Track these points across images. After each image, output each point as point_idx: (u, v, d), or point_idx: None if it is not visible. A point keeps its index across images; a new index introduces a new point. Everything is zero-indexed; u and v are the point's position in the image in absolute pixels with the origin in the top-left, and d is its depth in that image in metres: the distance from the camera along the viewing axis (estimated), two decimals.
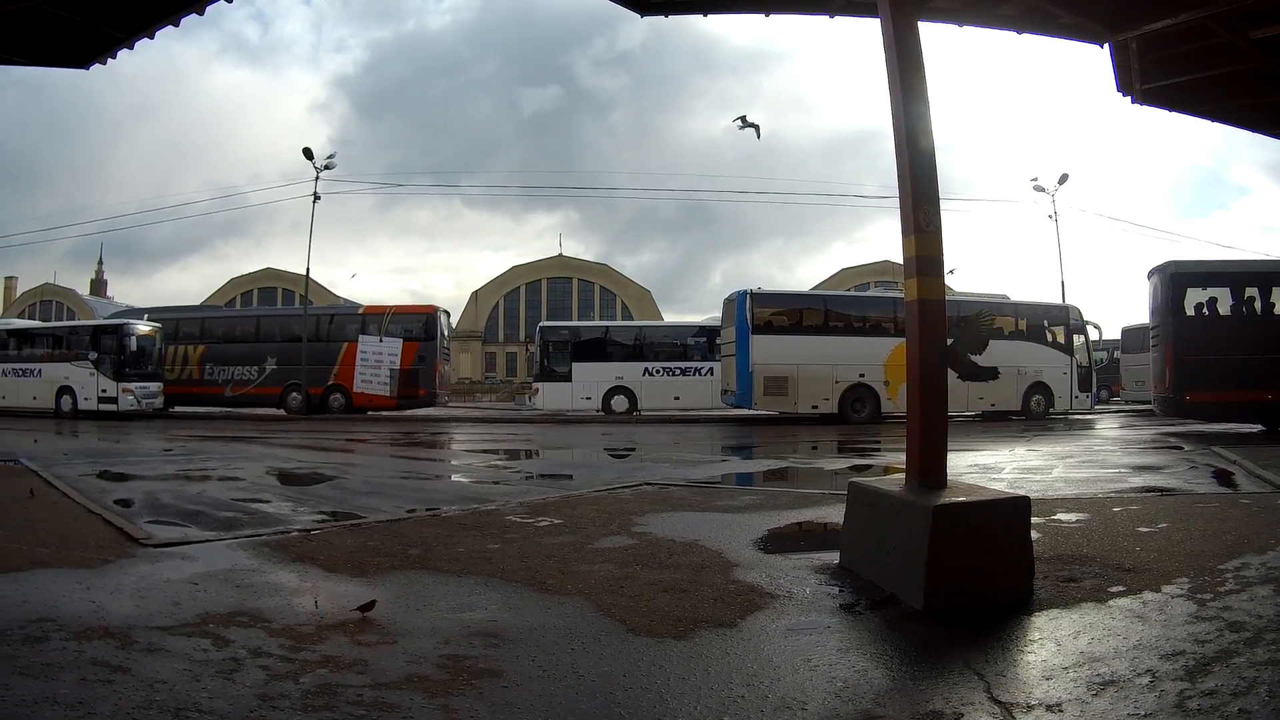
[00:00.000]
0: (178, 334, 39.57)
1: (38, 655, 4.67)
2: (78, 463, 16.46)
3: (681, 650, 4.79)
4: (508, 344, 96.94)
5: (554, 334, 40.25)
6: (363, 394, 37.26)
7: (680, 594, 5.93)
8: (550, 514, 9.44)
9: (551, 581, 6.38)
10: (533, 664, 4.61)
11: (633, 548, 7.57)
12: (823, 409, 31.01)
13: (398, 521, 9.47)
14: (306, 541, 8.14)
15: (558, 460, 19.72)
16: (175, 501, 11.40)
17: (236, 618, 5.51)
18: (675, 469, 15.76)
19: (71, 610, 5.59)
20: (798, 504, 10.12)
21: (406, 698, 4.12)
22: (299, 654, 4.78)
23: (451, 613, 5.61)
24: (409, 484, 14.46)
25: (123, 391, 35.05)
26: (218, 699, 4.13)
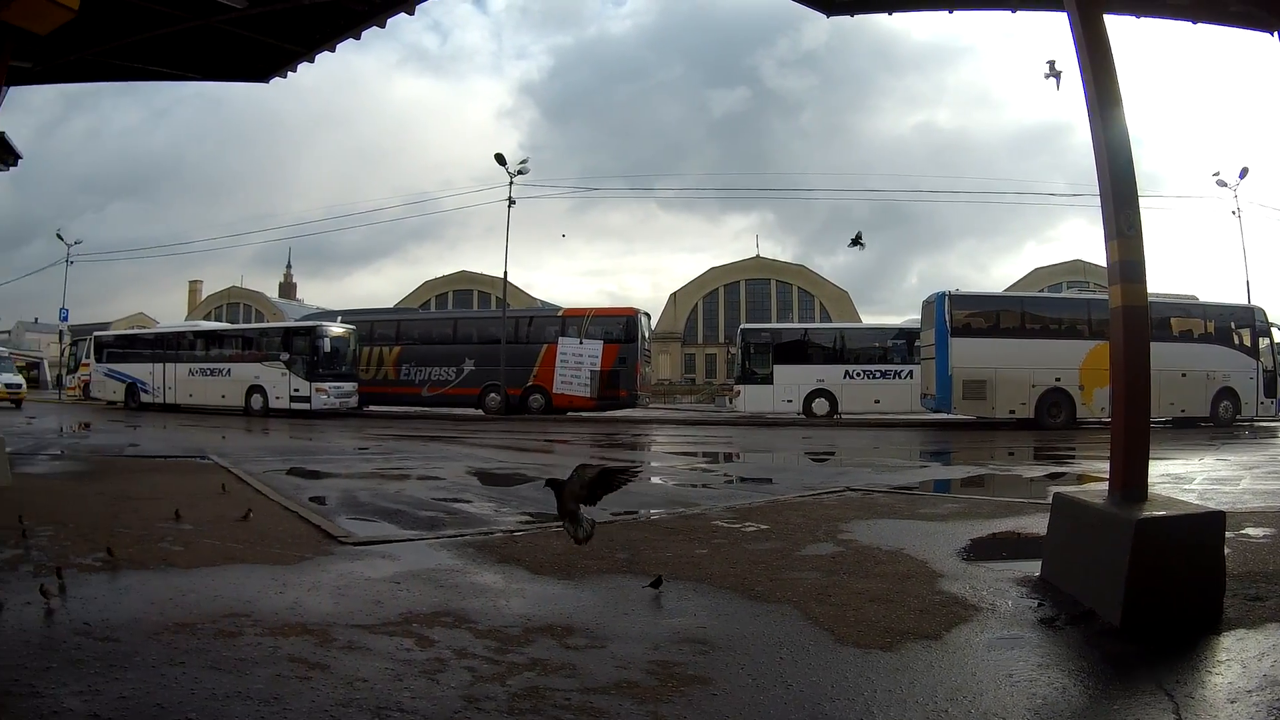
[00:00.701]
0: (373, 335, 41.45)
1: (230, 650, 4.84)
2: (269, 460, 17.36)
3: (888, 662, 4.86)
4: (707, 345, 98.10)
5: (755, 336, 40.27)
6: (563, 395, 37.99)
7: (886, 604, 6.02)
8: (756, 519, 9.63)
9: (760, 588, 6.49)
10: (741, 672, 4.69)
11: (839, 555, 7.72)
12: (1019, 414, 30.99)
13: (604, 525, 9.29)
14: (511, 543, 8.31)
15: (760, 464, 19.73)
16: (373, 500, 11.80)
17: (440, 618, 5.63)
18: (877, 474, 15.65)
19: (267, 606, 5.80)
20: (999, 513, 10.10)
21: (615, 703, 4.20)
22: (505, 656, 4.86)
23: (660, 618, 5.79)
24: None
25: (316, 391, 36.89)
26: (421, 699, 4.19)
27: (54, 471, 14.18)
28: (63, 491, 11.35)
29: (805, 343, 39.63)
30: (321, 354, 37.59)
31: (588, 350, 37.56)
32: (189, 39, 13.05)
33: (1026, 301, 35.58)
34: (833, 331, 42.03)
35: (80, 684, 4.27)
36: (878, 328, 41.92)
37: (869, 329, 42.92)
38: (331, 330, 38.84)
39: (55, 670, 4.46)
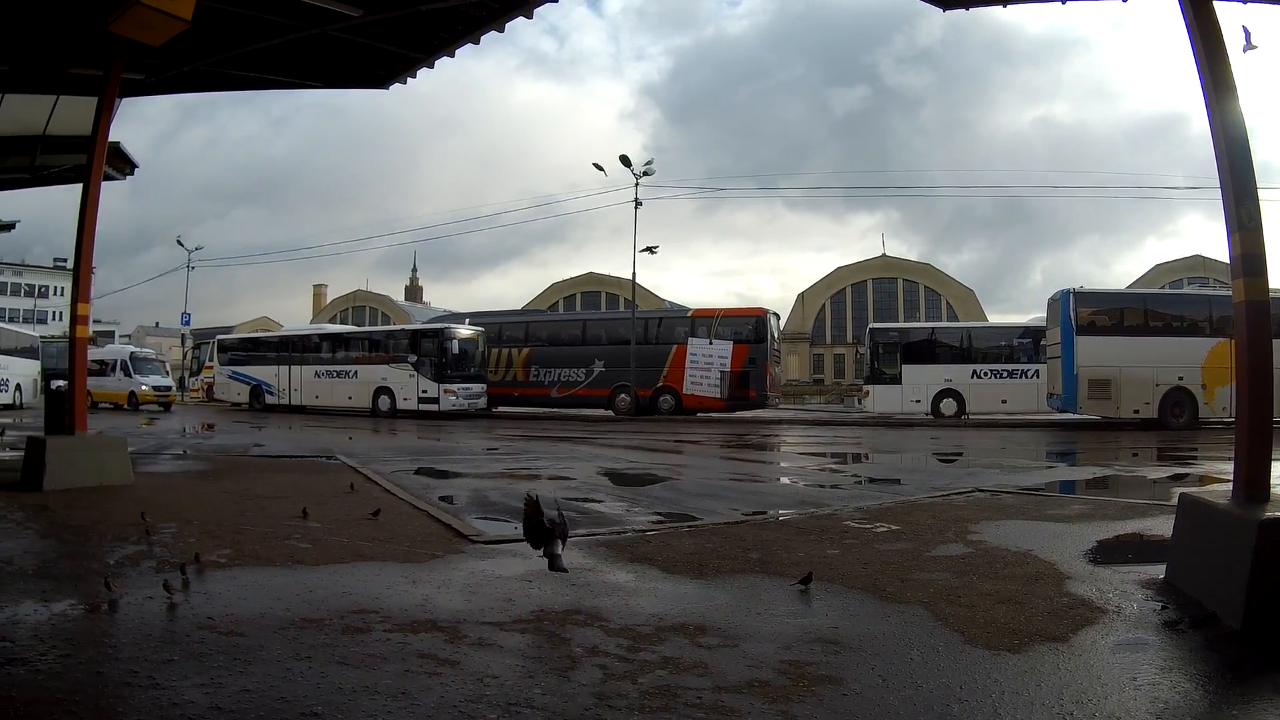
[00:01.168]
0: (501, 337, 42.20)
1: (358, 645, 4.86)
2: (397, 460, 17.62)
3: (1016, 664, 4.86)
4: (835, 345, 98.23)
5: (883, 335, 40.07)
6: (692, 396, 38.10)
7: (1015, 605, 6.05)
8: (887, 520, 9.73)
9: (891, 589, 6.54)
10: (872, 672, 4.70)
11: (968, 556, 7.78)
12: (1143, 413, 30.67)
13: (735, 525, 9.65)
14: (644, 542, 8.32)
15: (888, 465, 19.57)
16: (504, 500, 11.84)
17: (573, 616, 5.63)
18: (1004, 475, 15.61)
19: (396, 603, 5.83)
20: (1124, 514, 10.09)
21: (746, 702, 4.20)
22: (637, 654, 4.85)
23: (792, 618, 5.78)
24: (742, 486, 14.51)
25: (444, 392, 37.56)
26: (552, 696, 4.18)
27: (177, 470, 14.56)
28: (186, 490, 11.67)
29: (933, 342, 39.36)
30: (450, 356, 38.19)
31: (717, 351, 37.55)
32: (305, 48, 13.28)
33: (1149, 299, 34.85)
34: (960, 330, 41.60)
35: (202, 677, 4.31)
36: (1004, 326, 41.33)
37: (995, 328, 42.26)
38: (460, 332, 39.53)
39: (176, 663, 4.51)
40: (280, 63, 14.13)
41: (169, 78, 14.15)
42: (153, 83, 14.31)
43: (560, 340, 42.19)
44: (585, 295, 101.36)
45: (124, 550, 7.37)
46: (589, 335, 41.77)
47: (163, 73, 13.92)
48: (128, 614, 5.43)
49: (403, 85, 15.00)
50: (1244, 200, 6.34)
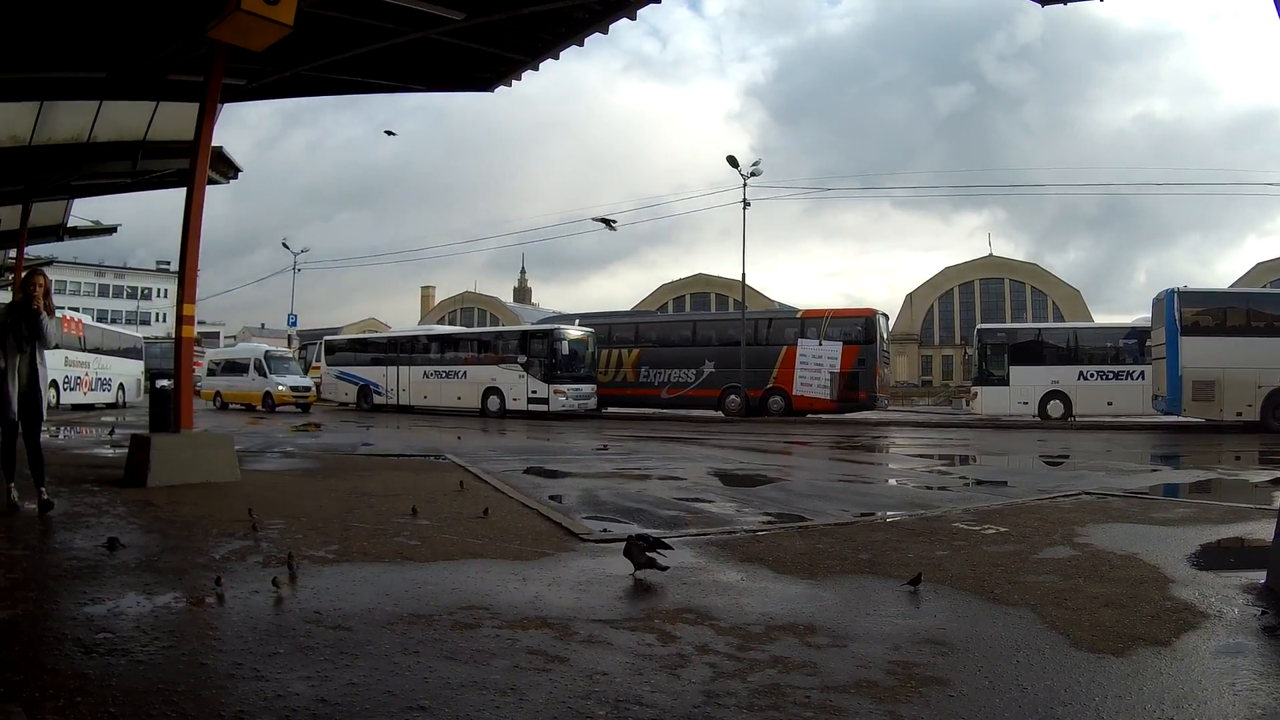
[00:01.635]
0: (611, 338, 42.59)
1: (467, 641, 4.90)
2: (507, 459, 17.79)
3: (1119, 668, 4.86)
4: (943, 346, 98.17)
5: (991, 336, 39.64)
6: (802, 397, 37.94)
7: (1119, 609, 6.05)
8: (995, 522, 9.79)
9: (999, 591, 6.58)
10: (978, 674, 4.72)
11: (1075, 559, 7.80)
12: (1246, 416, 30.07)
13: (845, 525, 9.66)
14: (754, 542, 8.33)
15: (996, 467, 19.49)
16: (615, 499, 11.93)
17: (683, 614, 5.64)
18: (1110, 478, 15.51)
19: (505, 600, 5.88)
20: (1227, 518, 10.15)
21: (854, 702, 4.22)
22: (747, 653, 4.87)
23: (901, 618, 5.82)
24: (852, 487, 14.41)
25: (554, 393, 38.00)
26: (661, 693, 4.19)
27: (284, 468, 14.84)
28: (294, 487, 11.89)
29: (1040, 343, 38.84)
30: (560, 356, 38.60)
31: (827, 352, 37.34)
32: (408, 51, 13.47)
33: (1252, 298, 34.26)
34: (1066, 331, 41.01)
35: (308, 670, 4.38)
36: (1109, 327, 40.71)
37: (1101, 329, 41.60)
38: (570, 333, 39.93)
39: (282, 656, 4.59)
40: (383, 66, 14.34)
41: (270, 83, 14.45)
42: (254, 88, 14.62)
43: (670, 341, 42.31)
44: (694, 296, 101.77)
45: (230, 545, 7.53)
46: (699, 336, 41.85)
47: (263, 78, 14.20)
48: (233, 607, 5.53)
49: (508, 88, 15.15)
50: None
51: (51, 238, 27.11)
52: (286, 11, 9.99)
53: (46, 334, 9.35)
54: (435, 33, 12.52)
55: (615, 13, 12.33)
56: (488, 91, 15.27)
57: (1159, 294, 32.08)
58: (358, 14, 11.91)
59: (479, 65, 14.38)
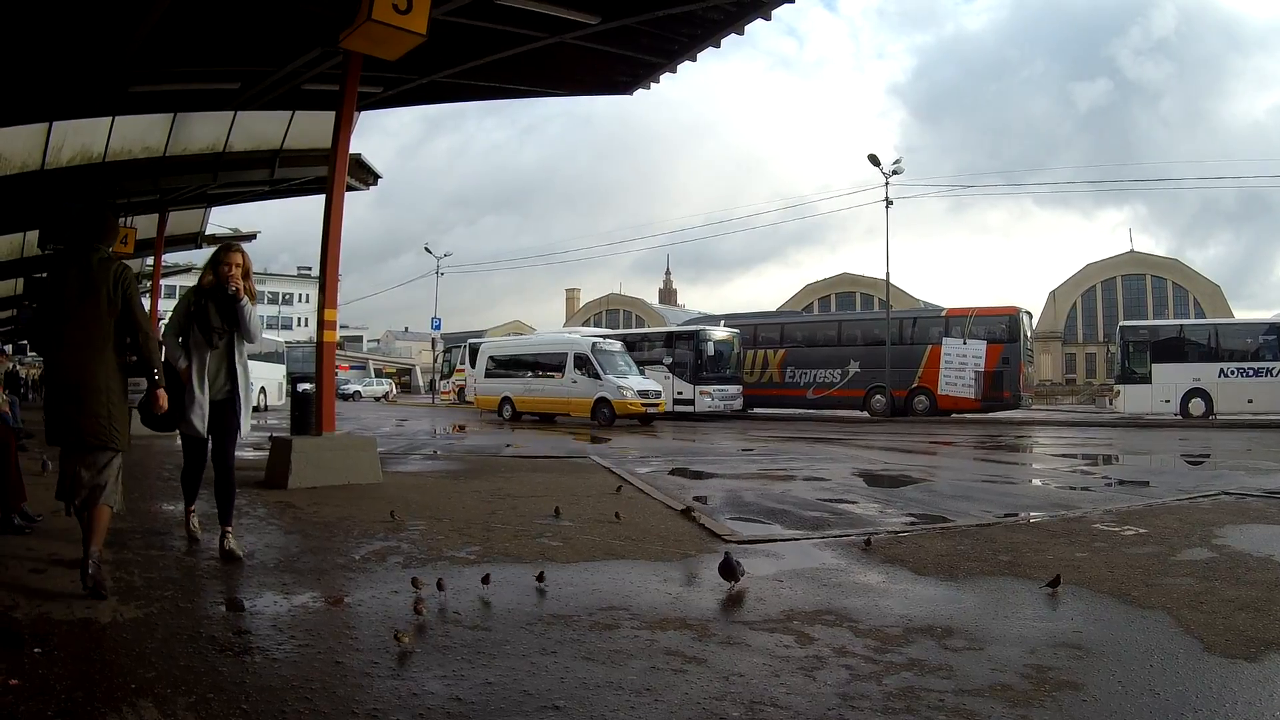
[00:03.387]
0: (756, 339, 42.68)
1: (605, 642, 4.94)
2: (653, 460, 17.94)
3: (1250, 673, 4.78)
4: (1086, 344, 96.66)
5: (1134, 334, 38.75)
6: (947, 396, 37.54)
7: (1255, 612, 5.95)
8: (1135, 523, 9.67)
9: (1135, 593, 6.49)
10: (1112, 678, 4.65)
11: (1212, 561, 7.68)
12: None
13: (987, 526, 9.55)
14: (896, 544, 8.27)
15: (1137, 466, 18.97)
16: (758, 500, 11.91)
17: (822, 616, 5.63)
18: (1250, 478, 15.03)
19: (645, 601, 5.92)
20: None
21: (987, 705, 4.20)
22: (884, 655, 4.86)
23: (1038, 621, 5.78)
24: (995, 488, 14.16)
25: (700, 394, 38.19)
26: (796, 695, 4.18)
27: (427, 470, 15.05)
28: (436, 489, 12.01)
29: (1181, 340, 37.95)
30: (705, 357, 38.76)
31: (971, 351, 36.86)
32: (545, 57, 13.59)
33: None
34: (1207, 328, 39.69)
35: (444, 669, 4.45)
36: (1250, 323, 39.49)
37: (1241, 324, 40.31)
38: (715, 334, 40.04)
39: (419, 655, 4.67)
40: (520, 72, 14.50)
41: (407, 90, 14.71)
42: (390, 95, 14.91)
43: (815, 341, 42.22)
44: (840, 296, 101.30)
45: (370, 546, 7.67)
46: (844, 336, 41.57)
47: (400, 85, 14.47)
48: (372, 607, 5.63)
49: (646, 90, 15.21)
50: None
51: (190, 245, 27.95)
52: (419, 20, 10.14)
53: (249, 324, 7.39)
54: (571, 37, 12.64)
55: (750, 13, 12.30)
56: (626, 95, 15.37)
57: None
58: (493, 20, 12.05)
59: (616, 69, 14.48)
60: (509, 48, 13.00)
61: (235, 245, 7.60)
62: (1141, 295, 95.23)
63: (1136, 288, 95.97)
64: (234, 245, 7.61)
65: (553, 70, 14.82)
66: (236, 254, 7.42)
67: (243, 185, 20.73)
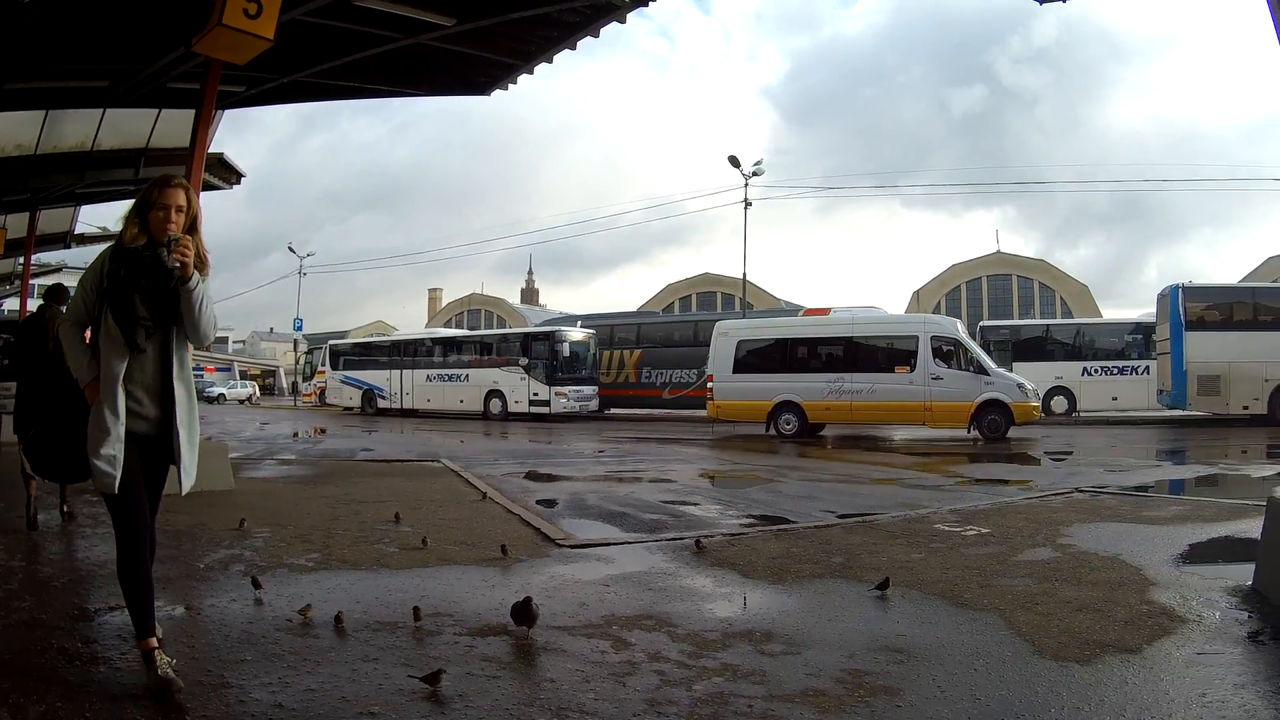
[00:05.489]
0: (613, 339, 42.81)
1: (426, 649, 5.03)
2: (504, 463, 17.97)
3: (1082, 676, 4.79)
4: None
5: (994, 333, 39.86)
6: None
7: (1093, 614, 5.98)
8: (979, 522, 9.79)
9: (968, 595, 6.53)
10: (932, 683, 4.67)
11: (1055, 561, 7.76)
12: (1253, 409, 30.29)
13: (825, 528, 9.68)
14: (729, 546, 8.39)
15: (993, 463, 19.37)
16: (601, 503, 12.05)
17: (642, 621, 5.74)
18: (1108, 474, 15.58)
19: (471, 607, 6.01)
20: (1222, 516, 10.01)
21: (797, 712, 4.24)
22: (698, 661, 4.94)
23: (862, 624, 5.82)
24: (845, 488, 14.45)
25: (555, 395, 38.27)
26: (604, 701, 4.28)
27: (280, 475, 14.96)
28: (286, 495, 11.99)
29: (1043, 339, 39.16)
30: (561, 358, 38.88)
31: None
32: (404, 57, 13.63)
33: (1259, 292, 34.12)
34: (1070, 328, 41.21)
35: (271, 676, 4.51)
36: (1114, 323, 41.04)
37: (1105, 324, 41.89)
38: (571, 334, 40.17)
39: (249, 663, 4.72)
40: (380, 72, 14.50)
41: (268, 90, 14.59)
42: (252, 94, 14.78)
43: (672, 341, 42.45)
44: (701, 296, 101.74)
45: (216, 554, 7.66)
46: (701, 336, 41.44)
47: (261, 85, 14.36)
48: (211, 616, 5.66)
49: (503, 91, 15.31)
50: None
51: (59, 245, 27.30)
52: (268, 26, 10.09)
53: (198, 316, 4.64)
54: (428, 38, 12.65)
55: (604, 16, 12.45)
56: (484, 95, 15.42)
57: (1163, 290, 32.39)
58: (351, 21, 12.01)
59: (473, 70, 14.52)
60: (368, 48, 12.98)
61: (177, 179, 4.79)
62: (1008, 295, 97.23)
63: (1003, 287, 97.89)
64: (175, 179, 4.79)
65: (412, 70, 14.82)
66: (178, 192, 4.68)
67: (111, 184, 20.27)
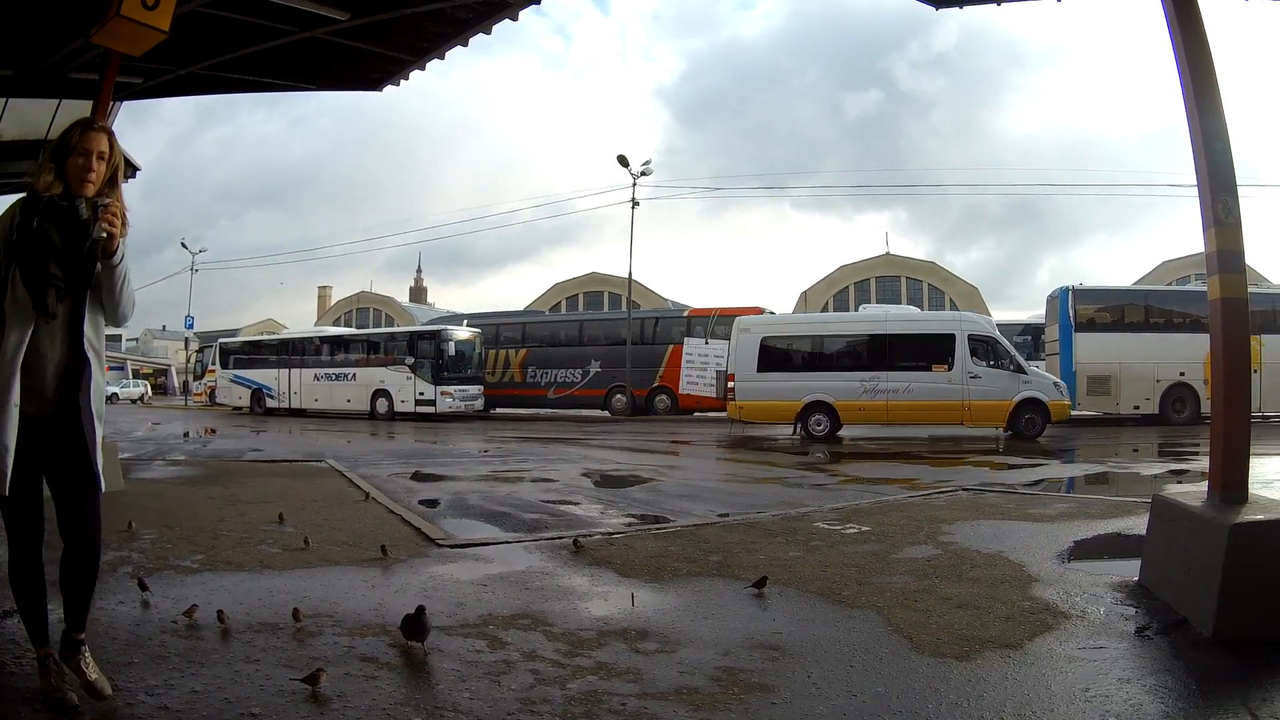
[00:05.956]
0: (499, 338, 42.61)
1: (306, 649, 5.04)
2: (388, 463, 17.85)
3: (961, 672, 4.78)
4: None
5: None
6: (689, 395, 38.23)
7: (973, 610, 5.97)
8: (860, 520, 9.71)
9: (846, 593, 6.49)
10: (807, 680, 4.67)
11: (935, 559, 7.72)
12: (1144, 409, 30.90)
13: (704, 526, 9.67)
14: (607, 545, 8.41)
15: (880, 461, 19.66)
16: (482, 503, 12.04)
17: (518, 620, 5.76)
18: (995, 473, 15.92)
19: (351, 608, 6.00)
20: (1109, 513, 9.98)
21: (670, 710, 4.23)
22: (573, 659, 4.96)
23: (739, 623, 5.78)
24: (726, 487, 14.64)
25: (441, 394, 38.01)
26: (478, 700, 4.31)
27: (170, 476, 14.66)
28: (175, 496, 11.78)
29: None
30: (446, 357, 38.66)
31: (713, 350, 37.57)
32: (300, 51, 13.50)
33: (1150, 295, 34.80)
34: None
35: (157, 679, 4.48)
36: (1003, 324, 41.56)
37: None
38: (456, 333, 39.96)
39: (136, 666, 4.69)
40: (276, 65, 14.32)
41: (166, 81, 14.35)
42: (150, 86, 14.52)
43: (557, 341, 42.47)
44: (588, 295, 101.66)
45: (104, 557, 7.17)
46: (586, 335, 42.00)
47: (159, 76, 14.15)
48: (98, 618, 5.50)
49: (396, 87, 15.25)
50: (1220, 193, 6.18)
51: None
52: (163, 18, 9.95)
53: (118, 288, 4.20)
54: (323, 32, 12.51)
55: (497, 14, 12.43)
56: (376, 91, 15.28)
57: (1053, 292, 32.83)
58: (247, 13, 11.83)
59: (367, 65, 14.40)
60: (265, 41, 12.78)
61: (100, 123, 4.46)
62: (896, 296, 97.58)
63: (891, 289, 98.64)
64: (98, 122, 4.46)
65: (307, 65, 14.63)
66: (100, 136, 4.20)
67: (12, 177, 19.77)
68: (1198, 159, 6.36)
